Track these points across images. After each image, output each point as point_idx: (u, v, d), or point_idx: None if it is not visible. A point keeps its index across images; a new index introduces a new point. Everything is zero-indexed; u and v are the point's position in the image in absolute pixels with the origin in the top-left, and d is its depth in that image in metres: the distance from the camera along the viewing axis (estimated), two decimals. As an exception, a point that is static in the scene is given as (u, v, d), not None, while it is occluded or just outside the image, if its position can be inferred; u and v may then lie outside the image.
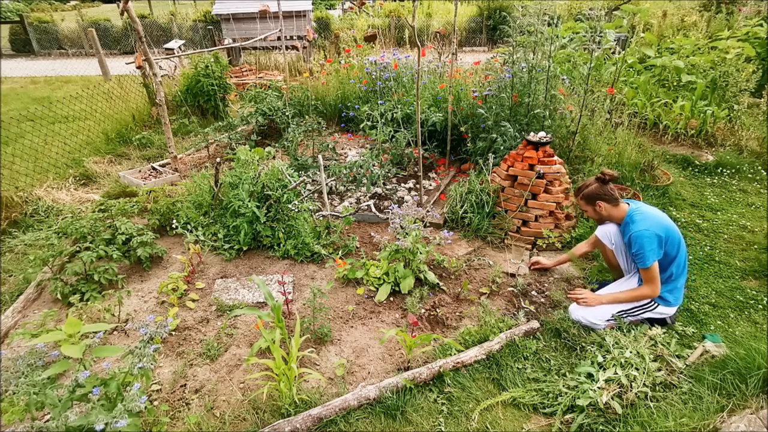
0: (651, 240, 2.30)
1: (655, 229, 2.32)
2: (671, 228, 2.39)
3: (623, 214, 2.47)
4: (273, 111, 5.22)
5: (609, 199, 2.47)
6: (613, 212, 2.49)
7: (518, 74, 4.02)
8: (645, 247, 2.31)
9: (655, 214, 2.42)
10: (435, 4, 13.32)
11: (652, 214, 2.41)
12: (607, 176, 2.47)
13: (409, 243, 2.77)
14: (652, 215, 2.40)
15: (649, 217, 2.38)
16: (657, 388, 2.09)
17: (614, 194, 2.47)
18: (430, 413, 2.03)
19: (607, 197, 2.46)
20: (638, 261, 2.37)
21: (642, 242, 2.31)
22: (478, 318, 2.60)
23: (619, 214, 2.49)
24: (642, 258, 2.33)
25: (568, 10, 10.46)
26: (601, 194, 2.46)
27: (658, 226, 2.34)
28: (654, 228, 2.32)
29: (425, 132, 4.53)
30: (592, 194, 2.48)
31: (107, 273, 2.82)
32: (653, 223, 2.35)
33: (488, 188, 3.45)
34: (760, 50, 5.82)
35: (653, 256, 2.32)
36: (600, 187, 2.47)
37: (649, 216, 2.39)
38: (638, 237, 2.33)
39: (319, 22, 12.20)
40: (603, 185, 2.47)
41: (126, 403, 1.54)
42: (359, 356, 2.37)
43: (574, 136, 3.93)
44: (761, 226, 3.60)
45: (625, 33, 6.37)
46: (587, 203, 2.53)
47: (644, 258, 2.32)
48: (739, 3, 8.46)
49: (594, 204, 2.50)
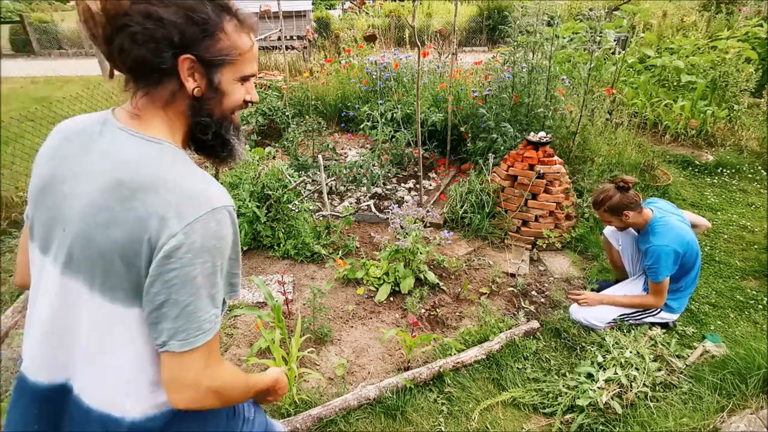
0: (668, 256, 2.25)
1: (675, 245, 2.26)
2: (691, 242, 2.33)
3: (645, 222, 2.39)
4: (273, 111, 5.22)
5: (635, 207, 2.35)
6: (638, 219, 2.39)
7: (518, 74, 4.02)
8: (661, 263, 2.26)
9: (677, 226, 2.33)
10: (435, 4, 13.32)
11: (675, 226, 2.32)
12: (629, 184, 2.35)
13: (409, 243, 2.77)
14: (675, 228, 2.31)
15: (672, 229, 2.30)
16: (657, 388, 2.09)
17: (639, 200, 2.37)
18: (430, 413, 2.03)
19: (633, 205, 2.35)
20: (651, 274, 2.33)
21: (659, 258, 2.26)
22: (478, 318, 2.60)
23: (642, 221, 2.39)
24: (655, 273, 2.29)
25: (568, 10, 10.46)
26: (627, 204, 2.34)
27: (679, 241, 2.27)
28: (674, 243, 2.26)
29: (425, 132, 4.53)
30: (618, 206, 2.36)
31: (107, 273, 2.81)
32: (674, 237, 2.28)
33: (488, 188, 3.45)
34: (761, 50, 5.82)
35: (666, 272, 2.28)
36: (624, 197, 2.35)
37: (671, 228, 2.30)
38: (656, 252, 2.26)
39: (319, 22, 12.19)
40: (626, 193, 2.36)
41: (126, 403, 1.53)
42: (359, 356, 2.37)
43: (574, 137, 3.93)
44: (761, 226, 3.60)
45: (625, 33, 6.37)
46: (612, 215, 2.40)
47: (657, 273, 2.29)
48: (739, 3, 8.45)
49: (621, 215, 2.37)
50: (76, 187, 0.77)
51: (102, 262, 0.75)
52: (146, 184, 0.73)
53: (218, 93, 0.81)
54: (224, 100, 0.82)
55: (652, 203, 2.50)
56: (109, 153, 0.77)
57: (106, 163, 0.76)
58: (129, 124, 0.79)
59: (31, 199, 0.83)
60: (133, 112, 0.80)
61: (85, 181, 0.76)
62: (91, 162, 0.77)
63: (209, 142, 0.85)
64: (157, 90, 0.78)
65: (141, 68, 0.75)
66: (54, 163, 0.81)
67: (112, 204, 0.73)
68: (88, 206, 0.75)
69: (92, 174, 0.76)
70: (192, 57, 0.75)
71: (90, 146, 0.78)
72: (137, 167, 0.74)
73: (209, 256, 0.74)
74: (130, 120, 0.79)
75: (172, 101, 0.79)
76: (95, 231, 0.74)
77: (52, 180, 0.80)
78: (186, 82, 0.77)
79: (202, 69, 0.77)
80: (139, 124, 0.79)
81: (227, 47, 0.78)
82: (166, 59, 0.73)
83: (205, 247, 0.73)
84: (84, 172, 0.77)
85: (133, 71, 0.77)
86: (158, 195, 0.72)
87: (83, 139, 0.80)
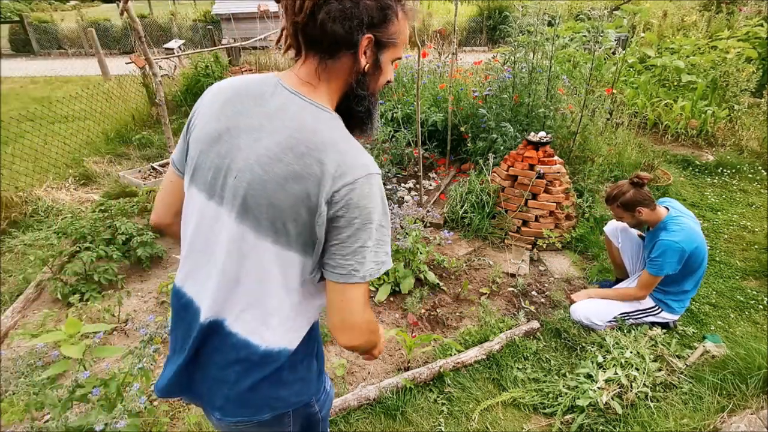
0: (675, 253, 2.24)
1: (684, 244, 2.25)
2: (701, 245, 2.32)
3: (658, 219, 2.38)
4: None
5: (648, 204, 2.35)
6: (651, 216, 2.38)
7: (519, 74, 4.01)
8: (666, 258, 2.25)
9: (690, 227, 2.33)
10: (435, 4, 13.31)
11: (689, 226, 2.32)
12: (643, 180, 2.35)
13: (409, 243, 2.77)
14: (688, 229, 2.30)
15: (685, 229, 2.29)
16: (657, 389, 2.09)
17: (652, 197, 2.37)
18: (430, 413, 2.03)
19: (647, 202, 2.35)
20: (652, 266, 2.32)
21: (666, 252, 2.25)
22: (478, 318, 2.60)
23: (655, 219, 2.38)
24: (657, 266, 2.29)
25: (569, 10, 10.45)
26: (641, 200, 2.34)
27: (689, 241, 2.27)
28: (684, 242, 2.25)
29: (425, 132, 4.53)
30: (632, 201, 2.35)
31: (107, 273, 2.81)
32: (686, 236, 2.27)
33: (488, 188, 3.45)
34: (761, 50, 5.82)
35: (669, 268, 2.27)
36: (638, 192, 2.34)
37: (684, 229, 2.29)
38: (665, 245, 2.26)
39: (319, 21, 12.18)
40: (640, 190, 2.35)
41: (126, 403, 1.54)
42: (359, 356, 2.37)
43: (574, 137, 3.93)
44: (761, 226, 3.60)
45: (625, 33, 6.37)
46: (625, 210, 2.40)
47: (659, 267, 2.28)
48: (739, 3, 8.45)
49: (634, 210, 2.37)
50: (253, 141, 0.84)
51: (272, 210, 0.83)
52: (320, 144, 0.82)
53: (378, 71, 0.90)
54: (380, 78, 0.92)
55: (667, 202, 2.48)
56: (286, 113, 0.85)
57: (284, 121, 0.84)
58: (299, 89, 0.87)
59: (196, 146, 0.91)
60: (303, 79, 0.87)
61: (262, 135, 0.84)
62: (268, 119, 0.85)
63: (360, 114, 0.94)
64: (333, 62, 0.86)
65: (329, 42, 0.83)
66: (228, 116, 0.88)
67: (290, 159, 0.81)
68: (266, 158, 0.83)
69: (269, 130, 0.84)
70: (372, 37, 0.84)
71: (264, 104, 0.86)
72: (314, 129, 0.83)
73: (368, 213, 0.84)
74: (301, 86, 0.87)
75: (341, 74, 0.88)
76: (271, 182, 0.82)
77: (227, 131, 0.87)
78: (361, 59, 0.85)
79: (374, 48, 0.86)
80: (308, 90, 0.87)
81: (396, 32, 0.88)
82: (354, 36, 0.82)
83: (361, 204, 0.83)
84: (261, 127, 0.85)
85: (317, 44, 0.84)
86: (330, 155, 0.81)
87: (256, 98, 0.87)
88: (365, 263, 0.85)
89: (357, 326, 0.90)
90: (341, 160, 0.82)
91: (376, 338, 1.01)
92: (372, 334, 0.96)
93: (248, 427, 0.97)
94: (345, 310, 0.89)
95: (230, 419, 0.95)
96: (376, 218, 0.85)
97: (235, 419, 0.95)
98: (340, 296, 0.88)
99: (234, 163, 0.85)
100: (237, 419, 0.95)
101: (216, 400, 0.95)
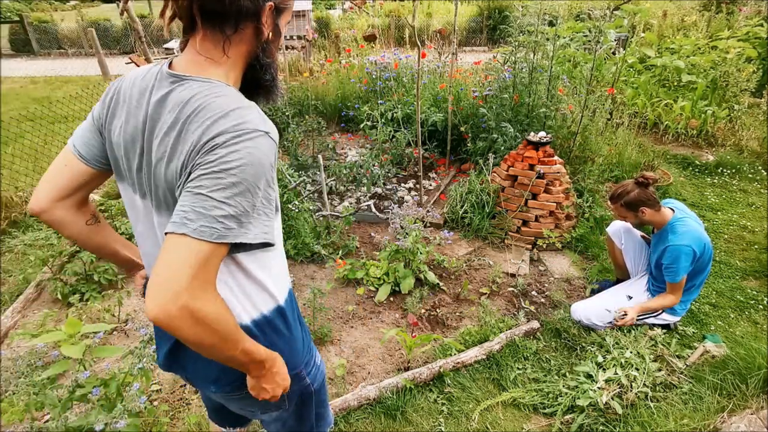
0: (688, 257, 2.24)
1: (694, 245, 2.24)
2: (708, 245, 2.32)
3: (664, 221, 2.37)
4: (273, 111, 5.21)
5: (652, 204, 2.34)
6: (656, 217, 2.37)
7: (519, 74, 4.01)
8: (680, 263, 2.25)
9: (696, 227, 2.32)
10: (435, 4, 13.30)
11: (694, 226, 2.31)
12: (649, 180, 2.33)
13: (409, 243, 2.77)
14: (695, 230, 2.30)
15: (692, 230, 2.28)
16: (657, 389, 2.09)
17: (657, 198, 2.35)
18: (430, 413, 2.03)
19: (651, 202, 2.33)
20: (668, 274, 2.30)
21: (678, 257, 2.24)
22: (478, 318, 2.60)
23: (660, 220, 2.37)
24: (673, 272, 2.28)
25: (569, 10, 10.45)
26: (645, 200, 2.32)
27: (698, 241, 2.26)
28: (694, 243, 2.24)
29: (425, 132, 4.53)
30: (635, 201, 2.33)
31: (107, 273, 2.81)
32: (694, 237, 2.26)
33: (488, 188, 3.45)
34: (761, 50, 5.82)
35: (684, 272, 2.27)
36: (642, 192, 2.32)
37: (691, 229, 2.28)
38: (676, 251, 2.24)
39: (319, 21, 12.17)
40: (645, 189, 2.33)
41: (126, 403, 1.54)
42: (359, 356, 2.37)
43: (575, 137, 3.93)
44: (761, 226, 3.60)
45: (625, 33, 6.37)
46: (628, 210, 2.38)
47: (675, 273, 2.27)
48: (739, 3, 8.45)
49: (637, 210, 2.35)
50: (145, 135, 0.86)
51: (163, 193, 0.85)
52: (192, 112, 0.80)
53: (277, 36, 0.92)
54: (278, 42, 0.94)
55: (671, 203, 2.47)
56: (168, 101, 0.83)
57: (167, 110, 0.83)
58: (186, 70, 0.85)
59: (119, 146, 0.92)
60: (205, 55, 0.86)
61: (153, 130, 0.85)
62: (158, 114, 0.84)
63: (265, 81, 0.94)
64: (237, 35, 0.86)
65: (235, 14, 0.83)
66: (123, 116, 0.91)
67: (171, 140, 0.81)
68: (155, 150, 0.83)
69: (160, 123, 0.83)
70: (273, 4, 0.86)
71: (144, 101, 0.87)
72: (190, 103, 0.81)
73: (238, 169, 0.77)
74: (200, 65, 0.85)
75: (244, 45, 0.88)
76: (158, 167, 0.83)
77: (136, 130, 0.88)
78: (264, 27, 0.87)
79: (272, 15, 0.88)
80: (198, 69, 0.85)
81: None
82: (259, 6, 0.84)
83: (237, 159, 0.77)
84: (151, 121, 0.85)
85: (218, 17, 0.83)
86: (200, 115, 0.79)
87: (142, 94, 0.88)
88: (215, 213, 0.77)
89: (172, 296, 0.70)
90: (210, 116, 0.81)
91: (219, 339, 0.77)
92: (195, 323, 0.72)
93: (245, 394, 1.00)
94: (165, 260, 0.78)
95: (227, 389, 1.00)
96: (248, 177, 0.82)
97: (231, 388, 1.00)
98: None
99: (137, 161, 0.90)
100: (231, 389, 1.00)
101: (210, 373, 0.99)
